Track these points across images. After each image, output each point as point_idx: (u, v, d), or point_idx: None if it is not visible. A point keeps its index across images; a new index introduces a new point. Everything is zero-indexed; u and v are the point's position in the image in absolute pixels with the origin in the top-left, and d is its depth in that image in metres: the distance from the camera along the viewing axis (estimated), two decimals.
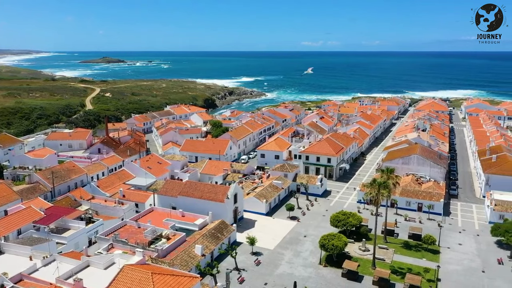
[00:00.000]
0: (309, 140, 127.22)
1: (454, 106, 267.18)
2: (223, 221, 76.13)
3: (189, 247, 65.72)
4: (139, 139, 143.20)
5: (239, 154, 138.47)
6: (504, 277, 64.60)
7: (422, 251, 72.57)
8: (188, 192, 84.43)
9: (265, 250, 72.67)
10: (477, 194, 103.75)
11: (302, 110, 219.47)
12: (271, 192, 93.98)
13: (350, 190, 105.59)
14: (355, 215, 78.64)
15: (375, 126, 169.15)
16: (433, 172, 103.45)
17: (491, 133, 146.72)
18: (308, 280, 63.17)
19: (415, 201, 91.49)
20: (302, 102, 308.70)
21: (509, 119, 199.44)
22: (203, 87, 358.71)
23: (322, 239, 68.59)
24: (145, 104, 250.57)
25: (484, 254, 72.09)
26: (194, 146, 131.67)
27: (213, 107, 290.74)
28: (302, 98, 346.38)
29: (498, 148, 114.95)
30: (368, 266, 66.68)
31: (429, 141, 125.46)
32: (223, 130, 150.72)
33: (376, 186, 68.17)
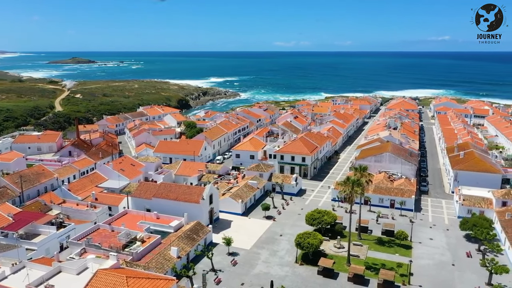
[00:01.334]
0: (284, 140, 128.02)
1: (424, 105, 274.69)
2: (198, 222, 75.64)
3: (165, 250, 64.99)
4: (111, 141, 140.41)
5: (214, 154, 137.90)
6: (473, 269, 66.84)
7: (395, 247, 74.21)
8: (163, 194, 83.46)
9: (242, 250, 72.65)
10: (446, 190, 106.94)
11: (276, 110, 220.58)
12: (247, 192, 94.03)
13: (325, 189, 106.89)
14: (329, 213, 79.67)
15: (348, 125, 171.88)
16: (404, 169, 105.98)
17: (458, 130, 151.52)
18: (285, 279, 63.56)
19: (388, 198, 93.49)
20: (276, 102, 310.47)
21: (475, 117, 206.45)
22: (177, 88, 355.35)
23: (298, 238, 69.17)
24: (117, 105, 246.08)
25: (453, 248, 74.38)
26: (168, 147, 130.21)
27: (187, 108, 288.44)
28: (276, 98, 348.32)
29: (466, 145, 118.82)
30: (343, 263, 67.68)
31: (400, 139, 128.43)
32: (197, 131, 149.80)
33: (349, 184, 69.27)
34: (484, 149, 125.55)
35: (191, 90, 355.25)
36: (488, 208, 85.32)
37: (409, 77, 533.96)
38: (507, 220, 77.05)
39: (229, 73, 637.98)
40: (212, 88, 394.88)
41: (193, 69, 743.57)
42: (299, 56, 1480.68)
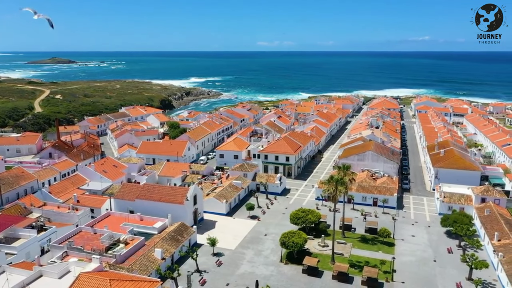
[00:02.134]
0: (268, 140, 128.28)
1: (405, 104, 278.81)
2: (183, 223, 75.20)
3: (149, 251, 64.41)
4: (93, 142, 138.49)
5: (197, 155, 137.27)
6: (454, 265, 68.15)
7: (378, 244, 75.12)
8: (146, 195, 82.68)
9: (226, 251, 72.52)
10: (428, 187, 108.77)
11: (260, 110, 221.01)
12: (231, 192, 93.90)
13: (309, 188, 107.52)
14: (314, 212, 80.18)
15: (331, 124, 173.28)
16: (386, 168, 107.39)
17: (439, 129, 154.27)
18: (270, 278, 63.69)
19: (371, 196, 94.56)
20: (259, 101, 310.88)
21: (455, 115, 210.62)
22: (159, 88, 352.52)
23: (283, 237, 69.41)
24: (99, 106, 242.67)
25: (435, 244, 75.70)
26: (151, 148, 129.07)
27: (170, 108, 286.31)
28: (259, 98, 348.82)
29: (446, 143, 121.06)
30: (328, 261, 68.18)
31: (382, 137, 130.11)
32: (180, 131, 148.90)
33: (333, 183, 69.86)
34: (463, 147, 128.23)
35: (174, 90, 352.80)
36: (468, 205, 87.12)
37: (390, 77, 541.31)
38: (486, 216, 78.83)
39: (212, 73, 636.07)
40: (195, 88, 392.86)
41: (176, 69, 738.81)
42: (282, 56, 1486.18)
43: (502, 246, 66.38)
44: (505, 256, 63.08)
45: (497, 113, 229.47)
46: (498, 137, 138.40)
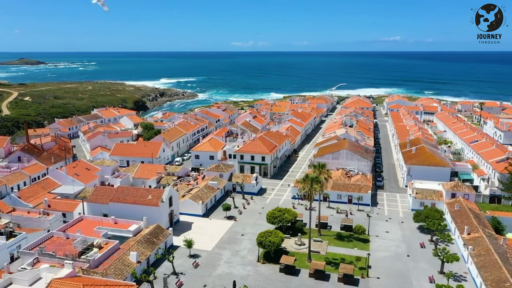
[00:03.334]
0: (243, 140, 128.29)
1: (377, 103, 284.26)
2: (158, 226, 74.26)
3: (124, 255, 63.27)
4: (64, 145, 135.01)
5: (172, 156, 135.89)
6: (426, 259, 69.88)
7: (353, 241, 76.23)
8: (120, 198, 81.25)
9: (203, 252, 72.07)
10: (400, 184, 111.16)
11: (235, 110, 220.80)
12: (207, 193, 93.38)
13: (285, 187, 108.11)
14: (290, 211, 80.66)
15: (306, 123, 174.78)
16: (360, 166, 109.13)
17: (410, 127, 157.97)
18: (247, 278, 63.66)
19: (346, 194, 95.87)
20: (234, 102, 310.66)
21: (425, 113, 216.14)
22: (133, 89, 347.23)
23: (259, 237, 69.53)
24: (70, 107, 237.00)
25: (408, 240, 77.42)
26: (125, 150, 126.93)
27: (144, 109, 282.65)
28: (234, 98, 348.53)
29: (417, 140, 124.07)
30: (304, 260, 68.71)
31: (356, 136, 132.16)
32: (155, 133, 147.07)
33: (309, 182, 70.43)
34: (434, 144, 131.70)
35: (148, 91, 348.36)
36: (439, 200, 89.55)
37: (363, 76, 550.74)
38: (456, 211, 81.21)
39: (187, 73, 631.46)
40: (169, 89, 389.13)
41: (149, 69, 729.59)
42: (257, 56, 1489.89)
43: (472, 239, 68.52)
44: (475, 249, 65.15)
45: (465, 111, 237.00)
46: (466, 134, 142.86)
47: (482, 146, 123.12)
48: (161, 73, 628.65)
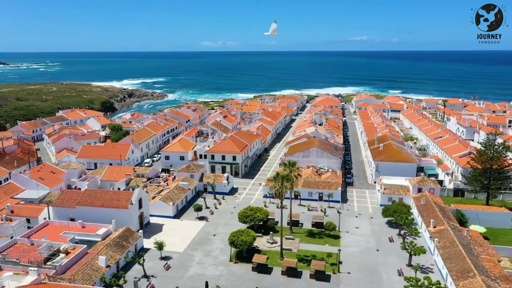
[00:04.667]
0: (214, 139, 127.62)
1: (346, 101, 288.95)
2: (128, 228, 72.78)
3: (92, 259, 61.64)
4: (28, 148, 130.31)
5: (142, 157, 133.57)
6: (395, 253, 71.61)
7: (324, 238, 77.19)
8: (88, 201, 79.12)
9: (175, 254, 71.17)
10: (369, 180, 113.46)
11: (205, 110, 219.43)
12: (178, 194, 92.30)
13: (256, 186, 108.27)
14: (261, 209, 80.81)
15: (277, 122, 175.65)
16: (330, 163, 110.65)
17: (378, 124, 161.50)
18: (220, 279, 63.33)
19: (316, 191, 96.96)
20: (205, 102, 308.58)
21: (392, 111, 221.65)
22: (100, 90, 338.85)
23: (231, 236, 69.31)
24: (34, 109, 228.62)
25: (377, 234, 79.11)
26: (92, 152, 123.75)
27: (111, 111, 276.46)
28: (205, 98, 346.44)
29: (384, 137, 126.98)
30: (277, 258, 69.00)
31: (325, 134, 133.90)
32: (123, 134, 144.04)
33: (279, 180, 70.75)
34: (400, 140, 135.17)
35: (116, 92, 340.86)
36: (406, 195, 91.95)
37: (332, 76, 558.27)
38: (422, 205, 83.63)
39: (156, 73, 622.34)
40: (138, 90, 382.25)
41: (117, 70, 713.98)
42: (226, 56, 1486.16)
43: (438, 232, 70.72)
44: (440, 241, 67.27)
45: (429, 108, 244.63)
46: (431, 131, 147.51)
47: (446, 142, 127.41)
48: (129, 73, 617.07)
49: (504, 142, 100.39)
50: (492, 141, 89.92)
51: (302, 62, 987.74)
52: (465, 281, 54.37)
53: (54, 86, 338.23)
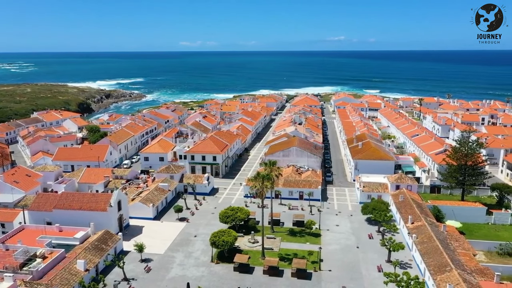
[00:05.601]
0: (194, 140, 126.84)
1: (325, 101, 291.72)
2: (107, 231, 71.62)
3: (70, 264, 60.40)
4: (1, 151, 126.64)
5: (120, 159, 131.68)
6: (374, 249, 72.67)
7: (305, 236, 77.73)
8: (65, 205, 77.50)
9: (155, 256, 70.42)
10: (349, 179, 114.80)
11: (184, 110, 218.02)
12: (158, 195, 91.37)
13: (237, 186, 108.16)
14: (242, 209, 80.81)
15: (256, 122, 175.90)
16: (310, 162, 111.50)
17: (356, 123, 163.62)
18: (201, 279, 63.02)
19: (297, 190, 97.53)
20: (184, 102, 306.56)
21: (370, 110, 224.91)
22: (76, 91, 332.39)
23: (213, 237, 69.05)
24: (7, 111, 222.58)
25: (357, 232, 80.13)
26: (69, 154, 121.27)
27: (88, 112, 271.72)
28: (184, 98, 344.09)
29: (363, 136, 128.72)
30: (258, 257, 69.11)
31: (305, 133, 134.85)
32: (101, 135, 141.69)
33: (260, 179, 70.85)
34: (378, 139, 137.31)
35: (93, 93, 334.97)
36: (384, 192, 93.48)
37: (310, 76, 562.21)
38: (400, 202, 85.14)
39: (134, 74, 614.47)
40: (115, 90, 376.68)
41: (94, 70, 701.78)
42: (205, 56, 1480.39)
43: (415, 228, 72.13)
44: (418, 237, 68.64)
45: (406, 107, 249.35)
46: (408, 129, 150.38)
47: (422, 140, 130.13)
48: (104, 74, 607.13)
49: (477, 139, 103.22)
50: (467, 139, 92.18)
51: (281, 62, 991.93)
52: (443, 275, 55.64)
53: (28, 87, 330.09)
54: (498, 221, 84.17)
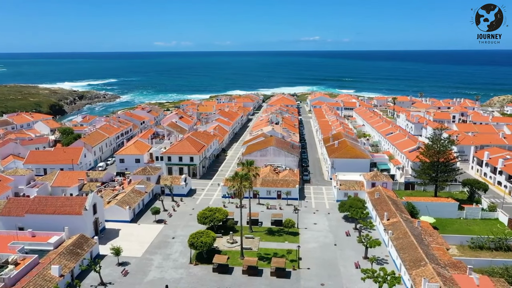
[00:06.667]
0: (170, 141, 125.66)
1: (301, 100, 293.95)
2: (82, 235, 70.10)
3: (44, 270, 58.82)
4: None
5: (95, 161, 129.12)
6: (351, 246, 73.73)
7: (284, 235, 78.12)
8: (38, 209, 75.39)
9: (132, 259, 69.39)
10: (326, 177, 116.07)
11: (160, 111, 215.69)
12: (134, 197, 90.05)
13: (215, 187, 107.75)
14: (221, 210, 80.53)
15: (234, 122, 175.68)
16: (287, 161, 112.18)
17: (332, 122, 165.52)
18: (180, 281, 62.49)
19: (275, 190, 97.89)
20: (160, 103, 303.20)
21: (345, 109, 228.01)
22: (48, 92, 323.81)
23: (191, 238, 68.55)
24: None
25: (335, 229, 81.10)
26: (41, 158, 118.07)
27: (61, 114, 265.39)
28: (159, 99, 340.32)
29: (339, 135, 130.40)
30: (237, 257, 69.03)
31: (282, 133, 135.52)
32: (74, 137, 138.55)
33: (238, 179, 70.86)
34: (354, 137, 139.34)
35: (65, 94, 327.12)
36: (360, 190, 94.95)
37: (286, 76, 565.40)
38: (376, 199, 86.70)
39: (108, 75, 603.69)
40: (89, 91, 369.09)
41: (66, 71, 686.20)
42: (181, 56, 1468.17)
43: (391, 224, 73.59)
44: (394, 233, 70.06)
45: (380, 105, 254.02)
46: (382, 127, 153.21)
47: (396, 138, 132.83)
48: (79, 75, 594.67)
49: (449, 136, 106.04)
50: (439, 136, 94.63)
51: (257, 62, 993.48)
52: (418, 269, 56.97)
53: None
54: (469, 216, 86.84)
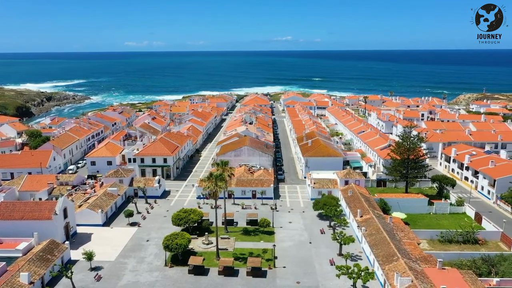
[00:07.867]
0: (143, 142, 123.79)
1: (274, 100, 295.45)
2: (52, 241, 68.11)
3: (12, 277, 56.83)
4: None
5: (65, 164, 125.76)
6: (326, 244, 74.62)
7: (259, 235, 78.31)
8: (5, 215, 72.78)
9: (106, 263, 67.97)
10: (300, 176, 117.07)
11: (132, 112, 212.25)
12: (107, 200, 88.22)
13: (189, 188, 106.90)
14: (196, 211, 79.95)
15: (207, 122, 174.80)
16: (262, 161, 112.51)
17: (305, 121, 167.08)
18: (155, 284, 61.67)
19: (249, 189, 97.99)
20: (131, 104, 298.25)
21: (318, 108, 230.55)
22: (13, 94, 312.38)
23: (166, 240, 67.76)
24: None
25: (309, 228, 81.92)
26: (7, 161, 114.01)
27: (28, 116, 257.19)
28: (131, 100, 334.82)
29: (312, 134, 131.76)
30: (213, 258, 68.73)
31: (256, 133, 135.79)
32: (43, 140, 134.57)
33: (213, 180, 70.51)
34: (327, 136, 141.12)
35: (32, 96, 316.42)
36: (334, 188, 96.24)
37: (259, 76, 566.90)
38: (349, 196, 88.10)
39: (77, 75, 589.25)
40: (57, 93, 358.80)
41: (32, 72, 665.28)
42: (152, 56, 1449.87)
43: (364, 221, 74.96)
44: (367, 229, 71.38)
45: (352, 104, 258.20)
46: (354, 126, 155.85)
47: (368, 136, 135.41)
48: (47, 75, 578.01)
49: (418, 134, 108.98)
50: (408, 134, 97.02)
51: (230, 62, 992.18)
52: (390, 264, 58.27)
53: None
54: (438, 211, 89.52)
